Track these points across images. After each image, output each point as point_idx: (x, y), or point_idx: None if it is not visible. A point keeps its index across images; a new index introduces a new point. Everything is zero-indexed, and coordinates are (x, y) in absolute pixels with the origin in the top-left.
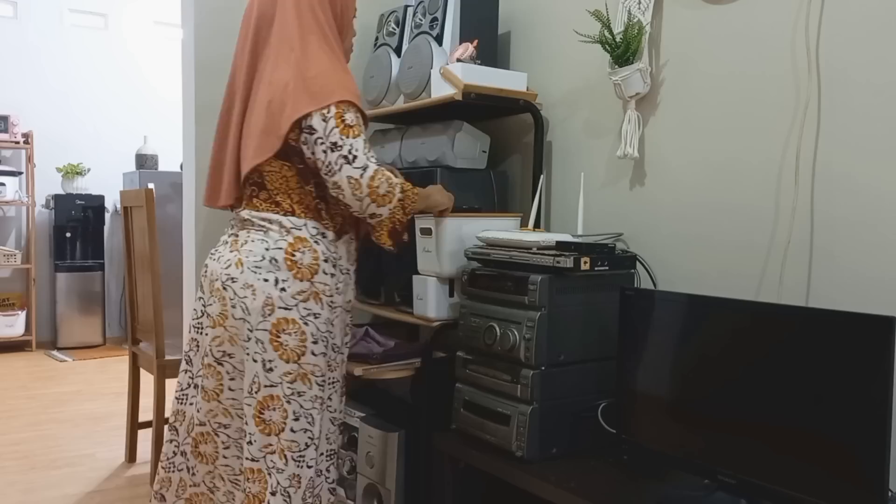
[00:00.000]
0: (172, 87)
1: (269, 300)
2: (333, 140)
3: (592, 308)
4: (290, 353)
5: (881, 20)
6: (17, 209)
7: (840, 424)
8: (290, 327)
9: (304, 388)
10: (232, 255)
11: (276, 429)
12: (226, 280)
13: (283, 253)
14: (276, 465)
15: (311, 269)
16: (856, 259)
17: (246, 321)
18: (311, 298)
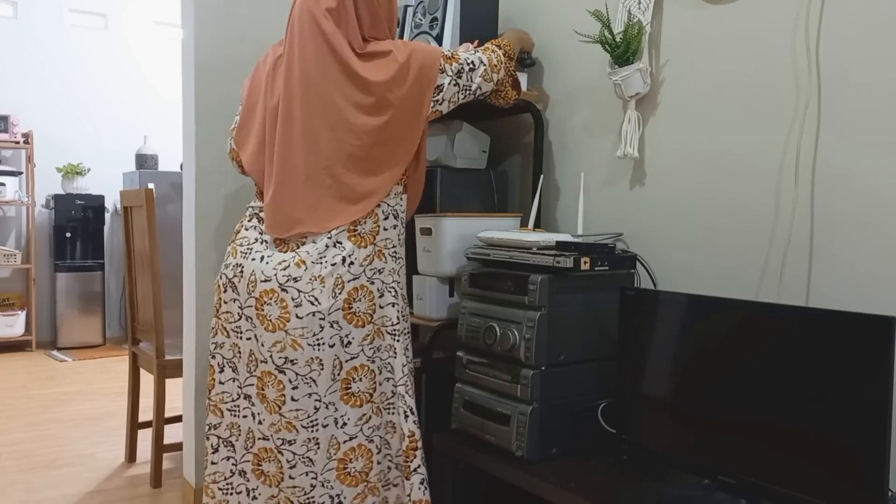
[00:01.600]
0: (172, 87)
1: (338, 280)
2: (450, 73)
3: (592, 308)
4: (363, 317)
5: (881, 19)
6: (17, 209)
7: (840, 424)
8: (360, 293)
9: (380, 343)
10: (288, 256)
11: (365, 397)
12: (285, 282)
13: (345, 234)
14: (374, 425)
15: (373, 232)
16: (856, 259)
17: (317, 313)
18: (375, 258)
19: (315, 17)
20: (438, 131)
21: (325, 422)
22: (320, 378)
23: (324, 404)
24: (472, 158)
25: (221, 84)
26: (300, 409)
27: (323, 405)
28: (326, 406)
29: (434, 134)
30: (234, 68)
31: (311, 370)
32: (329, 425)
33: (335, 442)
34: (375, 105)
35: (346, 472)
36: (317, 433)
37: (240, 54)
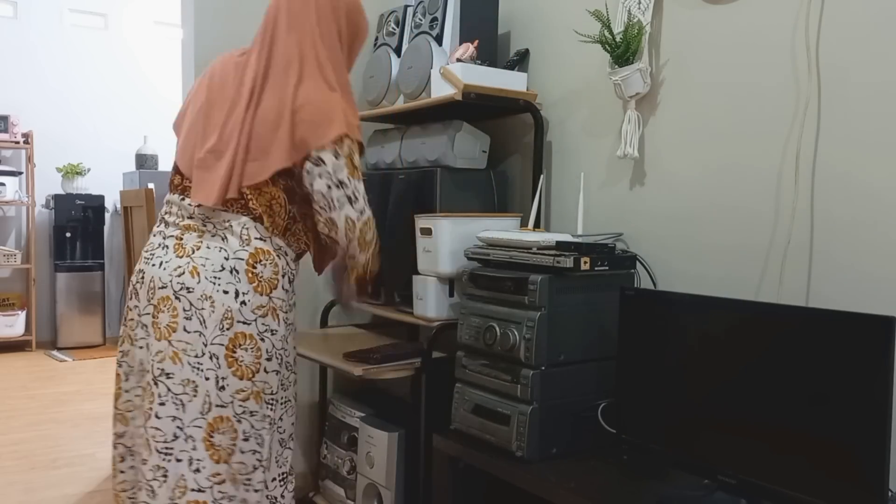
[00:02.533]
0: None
1: (228, 313)
2: (340, 178)
3: (592, 308)
4: (245, 370)
5: (881, 20)
6: (17, 209)
7: (840, 424)
8: (247, 342)
9: (255, 408)
10: (183, 262)
11: (224, 454)
12: (179, 289)
13: (244, 264)
14: (227, 493)
15: (271, 283)
16: (856, 259)
17: (202, 335)
18: (269, 314)
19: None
20: (438, 131)
21: (179, 455)
22: (190, 405)
23: (185, 435)
24: (472, 158)
25: None
26: (159, 430)
27: (183, 436)
28: (186, 439)
29: (434, 134)
30: None
31: (184, 392)
32: (183, 461)
33: (182, 483)
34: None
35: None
36: (167, 463)
37: None
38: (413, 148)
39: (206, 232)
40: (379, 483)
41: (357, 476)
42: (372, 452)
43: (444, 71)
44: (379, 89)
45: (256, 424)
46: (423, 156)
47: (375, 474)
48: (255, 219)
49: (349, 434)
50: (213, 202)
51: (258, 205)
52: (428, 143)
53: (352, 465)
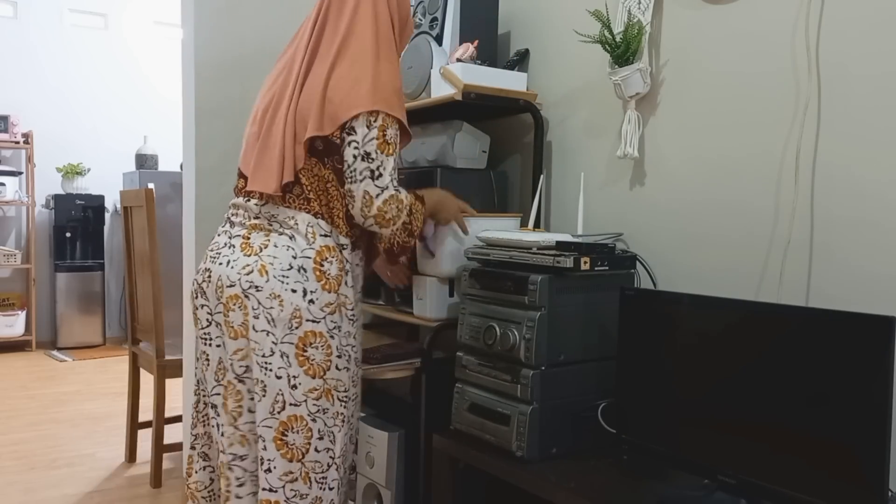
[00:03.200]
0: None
1: (297, 312)
2: (368, 150)
3: (592, 308)
4: (316, 369)
5: (881, 19)
6: (17, 209)
7: (840, 424)
8: (318, 341)
9: (327, 405)
10: (251, 261)
11: (298, 453)
12: (248, 288)
13: (311, 262)
14: (300, 491)
15: (338, 279)
16: (856, 258)
17: (270, 333)
18: (337, 311)
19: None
20: (438, 131)
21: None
22: (259, 404)
23: (255, 435)
24: (472, 158)
25: (221, 84)
26: (254, 423)
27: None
28: (256, 439)
29: (433, 134)
30: (234, 68)
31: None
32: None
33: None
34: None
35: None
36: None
37: (240, 54)
38: (413, 148)
39: (272, 231)
40: (379, 483)
41: (357, 476)
42: (372, 452)
43: (444, 71)
44: None
45: (329, 422)
46: (422, 156)
47: (375, 474)
48: (317, 215)
49: None
50: (273, 189)
51: (315, 193)
52: (428, 143)
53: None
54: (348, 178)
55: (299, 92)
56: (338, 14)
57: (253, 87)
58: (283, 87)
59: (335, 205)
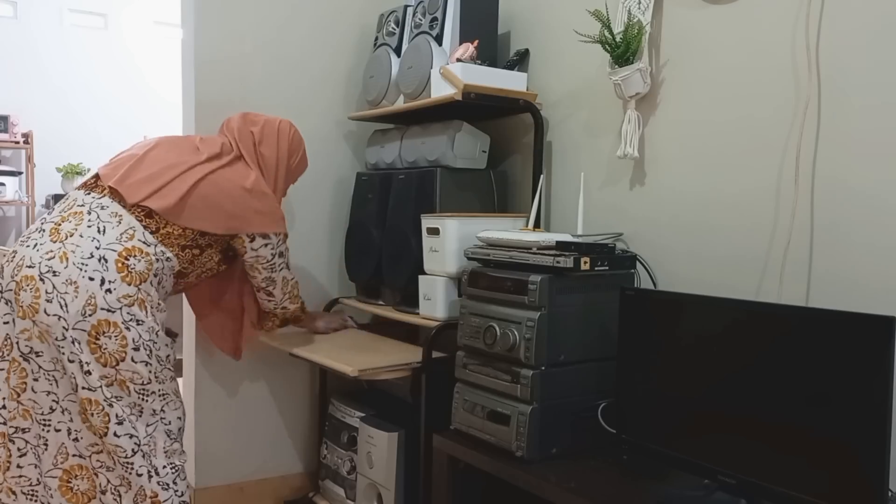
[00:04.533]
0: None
1: (91, 300)
2: (281, 250)
3: (592, 308)
4: (108, 358)
5: (881, 20)
6: (17, 209)
7: (840, 424)
8: (111, 330)
9: (121, 394)
10: (55, 247)
11: (100, 431)
12: (45, 271)
13: (115, 255)
14: (105, 463)
15: (142, 276)
16: (856, 258)
17: (62, 319)
18: (136, 304)
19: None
20: (438, 131)
21: (58, 426)
22: (62, 381)
23: (61, 408)
24: (472, 158)
25: (221, 84)
26: (35, 403)
27: (60, 408)
28: (63, 411)
29: (434, 134)
30: (234, 68)
31: (55, 369)
32: (62, 431)
33: (64, 451)
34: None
35: (70, 486)
36: (46, 434)
37: (240, 54)
38: (413, 148)
39: (85, 222)
40: (379, 483)
41: (357, 476)
42: (372, 452)
43: (444, 71)
44: (379, 89)
45: (125, 410)
46: (423, 156)
47: (375, 474)
48: (148, 228)
49: (349, 434)
50: (134, 200)
51: (161, 229)
52: (428, 143)
53: (352, 465)
54: (267, 268)
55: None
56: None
57: (253, 87)
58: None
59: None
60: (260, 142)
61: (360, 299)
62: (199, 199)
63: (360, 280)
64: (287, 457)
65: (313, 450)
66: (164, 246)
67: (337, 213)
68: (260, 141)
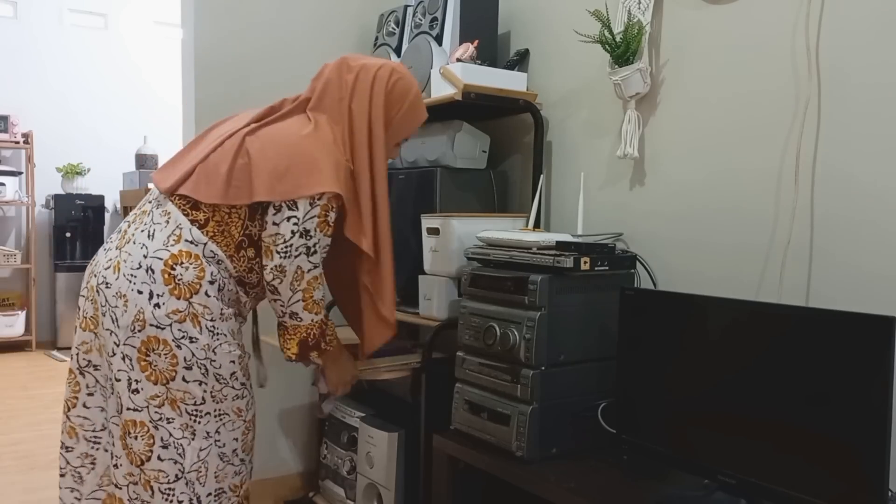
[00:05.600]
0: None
1: (140, 315)
2: (307, 227)
3: (592, 308)
4: (159, 376)
5: (881, 20)
6: (17, 209)
7: (840, 424)
8: (161, 347)
9: (172, 415)
10: (114, 255)
11: (138, 459)
12: (101, 283)
13: (161, 264)
14: (141, 496)
15: (192, 287)
16: (856, 259)
17: (113, 333)
18: (188, 319)
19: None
20: (438, 131)
21: (106, 446)
22: (110, 399)
23: (108, 429)
24: (472, 158)
25: (221, 84)
26: (86, 419)
27: (108, 429)
28: (110, 432)
29: (434, 134)
30: (234, 68)
31: (107, 386)
32: (109, 452)
33: (107, 476)
34: None
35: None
36: (95, 451)
37: (240, 54)
38: (413, 148)
39: (143, 224)
40: (379, 483)
41: (357, 476)
42: (372, 452)
43: (444, 71)
44: None
45: (175, 433)
46: (423, 156)
47: (375, 474)
48: (196, 222)
49: (349, 434)
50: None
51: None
52: (428, 143)
53: (352, 465)
54: (279, 252)
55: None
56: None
57: (253, 87)
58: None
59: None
60: (352, 95)
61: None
62: (240, 169)
63: None
64: (287, 457)
65: (313, 450)
66: (216, 244)
67: None
68: (352, 94)
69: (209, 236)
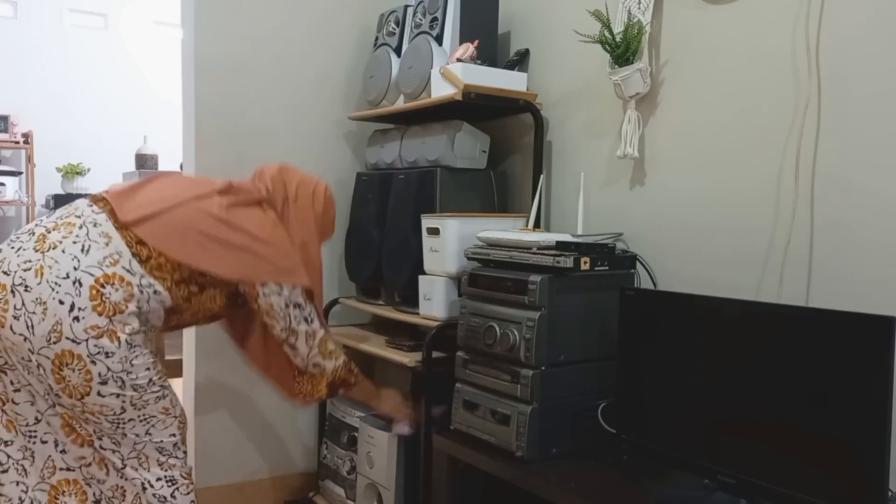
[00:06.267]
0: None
1: (57, 326)
2: (297, 301)
3: (592, 308)
4: (73, 391)
5: (881, 20)
6: (17, 209)
7: (840, 424)
8: (74, 362)
9: (96, 419)
10: (35, 257)
11: (87, 441)
12: (18, 283)
13: (91, 279)
14: (96, 476)
15: (117, 307)
16: (856, 259)
17: (28, 340)
18: (105, 335)
19: None
20: (438, 131)
21: (44, 437)
22: (38, 397)
23: (45, 420)
24: (472, 158)
25: (221, 84)
26: (20, 414)
27: (44, 420)
28: (47, 423)
29: (434, 134)
30: (234, 68)
31: (29, 384)
32: (48, 443)
33: (51, 464)
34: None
35: (57, 502)
36: (33, 445)
37: (240, 54)
38: (413, 148)
39: (73, 235)
40: (379, 483)
41: (357, 476)
42: (372, 452)
43: (444, 71)
44: (379, 89)
45: (106, 430)
46: (423, 156)
47: (375, 474)
48: (138, 255)
49: (349, 434)
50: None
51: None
52: (428, 143)
53: (352, 465)
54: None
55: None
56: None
57: (253, 87)
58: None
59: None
60: (294, 199)
61: (360, 299)
62: (200, 236)
63: (360, 280)
64: (287, 457)
65: (313, 450)
66: (154, 277)
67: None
68: (294, 198)
69: (147, 270)
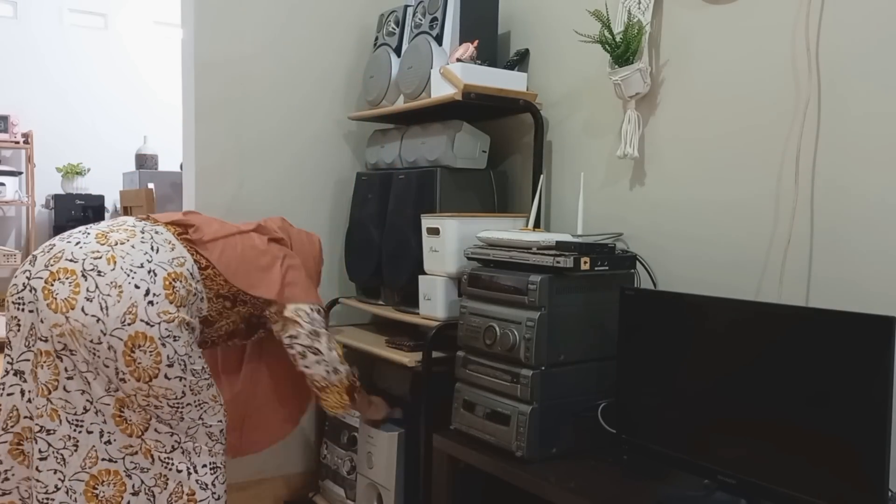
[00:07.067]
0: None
1: (132, 308)
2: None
3: (592, 308)
4: (142, 373)
5: (881, 20)
6: (17, 209)
7: (840, 424)
8: (147, 344)
9: (158, 403)
10: (103, 249)
11: (137, 430)
12: (90, 269)
13: (164, 272)
14: (140, 464)
15: (183, 300)
16: (856, 259)
17: (100, 321)
18: (175, 321)
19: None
20: (438, 131)
21: (90, 427)
22: (95, 381)
23: (94, 409)
24: (472, 158)
25: (221, 84)
26: (69, 402)
27: (94, 409)
28: (96, 412)
29: (434, 134)
30: (234, 68)
31: (88, 370)
32: (94, 433)
33: (93, 454)
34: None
35: (95, 493)
36: (78, 434)
37: (240, 54)
38: (413, 148)
39: (137, 238)
40: (379, 483)
41: (357, 476)
42: (372, 452)
43: (444, 71)
44: (379, 89)
45: (164, 416)
46: (423, 156)
47: (375, 474)
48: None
49: (349, 434)
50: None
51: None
52: (428, 143)
53: (352, 465)
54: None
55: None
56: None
57: (253, 88)
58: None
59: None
60: (291, 244)
61: (360, 299)
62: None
63: (360, 280)
64: (287, 457)
65: (313, 450)
66: (204, 286)
67: (337, 213)
68: (291, 243)
69: (202, 278)
